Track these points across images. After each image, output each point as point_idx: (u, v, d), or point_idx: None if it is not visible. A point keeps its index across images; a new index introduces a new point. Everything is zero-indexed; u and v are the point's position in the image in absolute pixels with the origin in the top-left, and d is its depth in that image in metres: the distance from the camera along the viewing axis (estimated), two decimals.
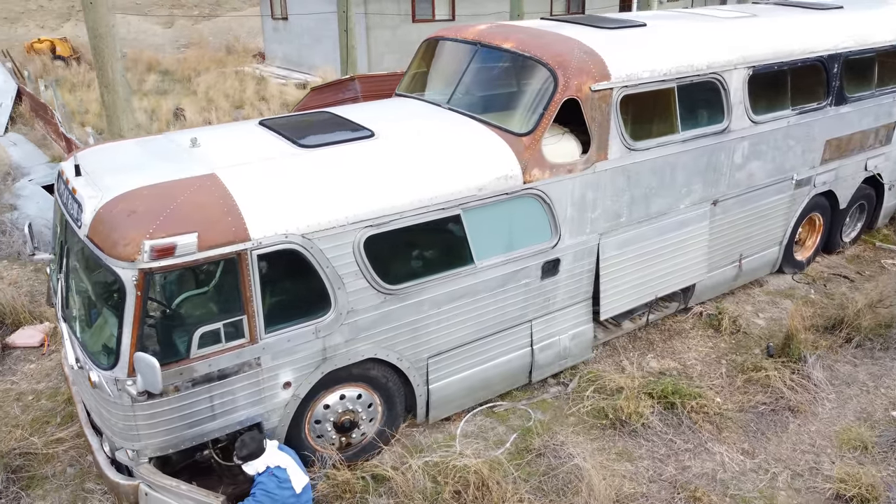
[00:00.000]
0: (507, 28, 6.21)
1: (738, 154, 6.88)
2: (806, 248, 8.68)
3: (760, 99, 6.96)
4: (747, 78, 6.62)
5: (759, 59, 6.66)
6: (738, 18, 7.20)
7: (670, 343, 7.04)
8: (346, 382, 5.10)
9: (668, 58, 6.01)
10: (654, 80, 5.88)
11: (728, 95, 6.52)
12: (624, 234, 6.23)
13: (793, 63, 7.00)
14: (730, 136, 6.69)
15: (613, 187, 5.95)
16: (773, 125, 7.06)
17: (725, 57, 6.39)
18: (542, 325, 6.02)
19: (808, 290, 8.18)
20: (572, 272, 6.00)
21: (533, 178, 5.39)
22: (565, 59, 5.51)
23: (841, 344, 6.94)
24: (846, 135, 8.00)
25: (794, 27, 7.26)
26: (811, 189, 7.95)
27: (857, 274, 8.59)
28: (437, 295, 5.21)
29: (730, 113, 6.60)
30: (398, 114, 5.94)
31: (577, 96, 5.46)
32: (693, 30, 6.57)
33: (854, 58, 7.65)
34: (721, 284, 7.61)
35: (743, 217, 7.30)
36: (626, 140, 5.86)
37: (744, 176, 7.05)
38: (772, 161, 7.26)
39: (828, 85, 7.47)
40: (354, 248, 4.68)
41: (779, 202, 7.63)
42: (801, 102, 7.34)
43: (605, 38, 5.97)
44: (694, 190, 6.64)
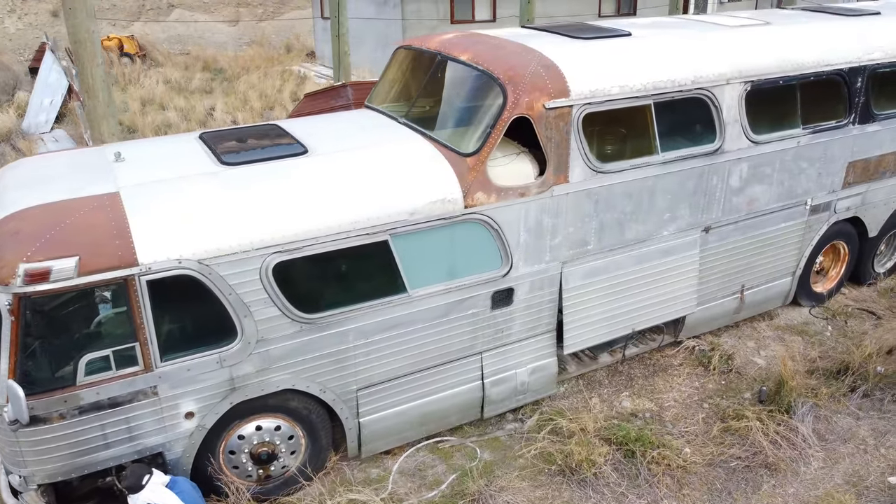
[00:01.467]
0: (470, 38, 5.80)
1: (735, 177, 6.23)
2: (829, 279, 7.87)
3: (762, 117, 6.29)
4: (744, 94, 5.97)
5: (758, 72, 6.00)
6: (746, 27, 6.53)
7: (652, 380, 6.47)
8: (262, 413, 4.84)
9: (643, 72, 5.47)
10: (624, 96, 5.35)
11: (720, 113, 5.90)
12: (592, 262, 5.73)
13: (803, 77, 6.29)
14: (723, 157, 6.06)
15: (577, 212, 5.46)
16: (779, 145, 6.37)
17: (716, 70, 5.77)
18: (495, 357, 5.60)
19: (824, 326, 7.40)
20: (530, 302, 5.55)
21: (476, 202, 4.98)
22: (517, 74, 5.07)
23: (845, 393, 6.20)
24: (875, 156, 7.18)
25: (809, 37, 6.53)
26: (831, 215, 7.18)
27: (888, 310, 7.72)
28: (365, 325, 4.88)
29: (722, 132, 5.97)
30: (347, 128, 5.63)
31: (528, 114, 5.01)
32: (683, 40, 5.97)
33: (884, 71, 6.84)
34: (719, 317, 6.96)
35: (743, 245, 6.64)
36: (590, 162, 5.36)
37: (743, 201, 6.40)
38: (779, 185, 6.57)
39: (849, 101, 6.70)
40: (262, 275, 4.41)
41: (789, 229, 6.91)
42: (816, 120, 6.60)
43: (573, 50, 5.48)
44: (680, 216, 6.05)
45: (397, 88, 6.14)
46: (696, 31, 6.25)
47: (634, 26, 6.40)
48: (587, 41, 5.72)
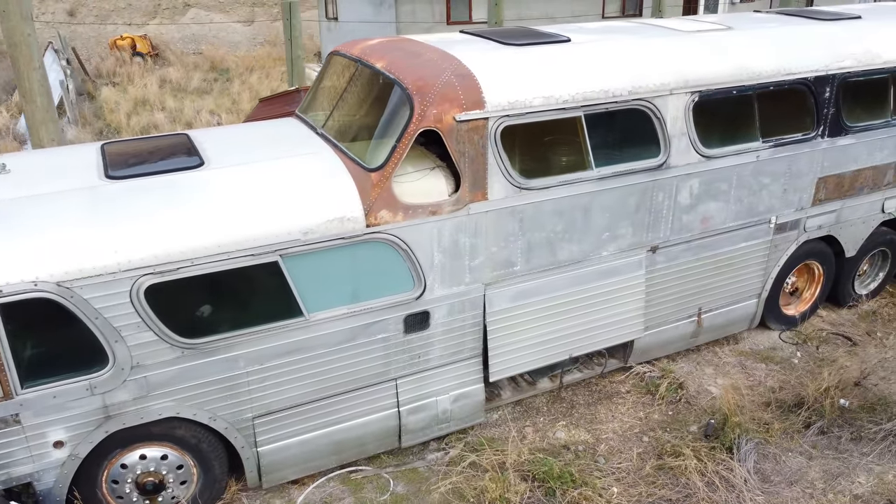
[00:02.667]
0: (392, 44, 5.46)
1: (685, 194, 5.80)
2: (802, 300, 7.37)
3: (715, 129, 5.85)
4: (691, 105, 5.54)
5: (706, 82, 5.56)
6: (702, 33, 6.09)
7: (594, 409, 6.07)
8: (146, 442, 4.57)
9: (572, 82, 5.08)
10: (548, 108, 4.97)
11: (663, 125, 5.48)
12: (521, 284, 5.36)
13: (761, 87, 5.83)
14: (669, 172, 5.64)
15: (500, 232, 5.10)
16: (735, 160, 5.92)
17: (657, 80, 5.36)
18: (412, 384, 5.26)
19: (793, 352, 6.92)
20: (449, 326, 5.20)
21: (380, 220, 4.65)
22: (427, 84, 4.72)
23: (799, 429, 5.73)
24: (849, 171, 6.68)
25: (771, 43, 6.06)
26: (800, 234, 6.69)
27: (866, 336, 7.20)
28: (257, 350, 4.59)
29: (667, 146, 5.55)
30: (258, 139, 5.33)
31: (436, 127, 4.66)
32: (625, 47, 5.56)
33: (856, 80, 6.33)
34: (674, 341, 6.53)
35: (698, 266, 6.20)
36: (512, 178, 4.99)
37: (695, 219, 5.97)
38: (737, 202, 6.12)
39: (817, 112, 6.21)
40: (133, 298, 4.13)
41: (751, 249, 6.45)
42: (778, 133, 6.13)
43: (498, 58, 5.11)
44: (621, 235, 5.65)
45: (323, 97, 5.83)
46: (643, 37, 5.83)
47: (579, 31, 6.01)
48: (519, 48, 5.35)
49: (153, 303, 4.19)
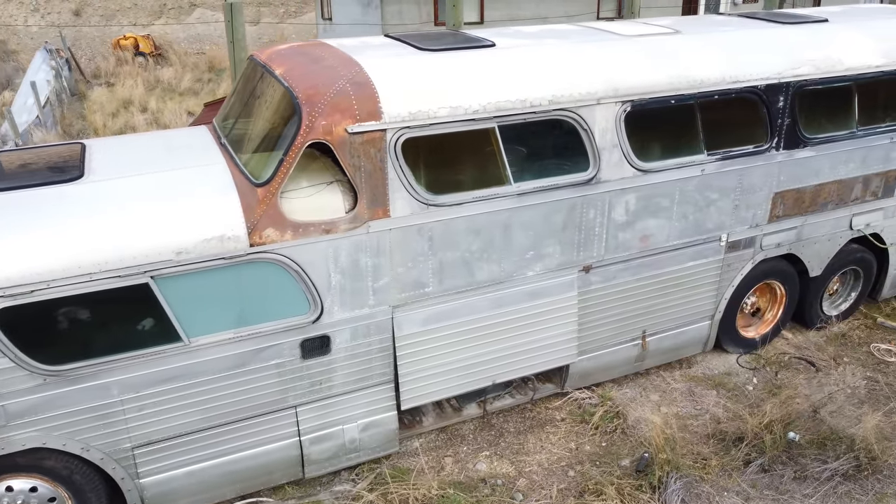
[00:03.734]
0: (300, 49, 5.13)
1: (619, 210, 5.41)
2: (764, 322, 6.92)
3: (652, 141, 5.46)
4: (622, 115, 5.15)
5: (640, 90, 5.16)
6: (643, 37, 5.68)
7: (524, 437, 5.70)
8: (11, 473, 4.29)
9: (485, 90, 4.71)
10: (456, 119, 4.61)
11: (591, 137, 5.09)
12: (434, 307, 5.01)
13: (705, 95, 5.42)
14: (600, 188, 5.25)
15: (406, 251, 4.75)
16: (677, 174, 5.52)
17: (582, 89, 4.97)
18: (314, 412, 4.93)
19: (749, 378, 6.48)
20: (354, 351, 4.86)
21: (266, 239, 4.33)
22: (318, 93, 4.38)
23: (739, 466, 5.31)
24: (810, 185, 6.23)
25: (718, 49, 5.64)
26: (756, 252, 6.26)
27: (831, 361, 6.73)
28: (133, 377, 4.29)
29: (597, 159, 5.17)
30: (153, 150, 5.03)
31: (325, 139, 4.33)
32: (552, 54, 5.17)
33: (815, 88, 5.89)
34: (617, 366, 6.13)
35: (639, 287, 5.80)
36: (418, 194, 4.64)
37: (633, 237, 5.57)
38: (681, 219, 5.71)
39: (770, 123, 5.78)
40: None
41: (700, 269, 6.03)
42: (726, 145, 5.71)
43: (406, 65, 4.76)
44: (547, 254, 5.27)
45: (234, 104, 5.53)
46: (577, 42, 5.44)
47: (511, 35, 5.63)
48: (434, 53, 4.99)
49: (7, 327, 3.91)
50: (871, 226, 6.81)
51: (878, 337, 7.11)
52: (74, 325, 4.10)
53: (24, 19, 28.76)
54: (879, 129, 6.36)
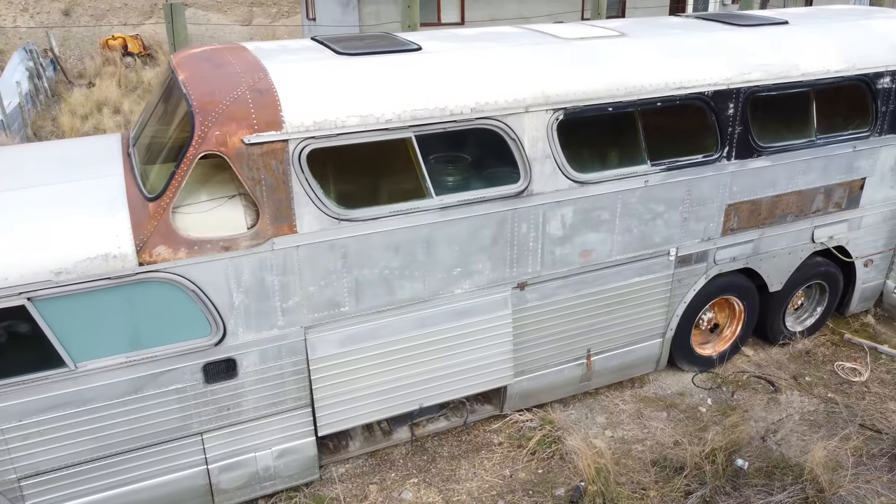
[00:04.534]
0: (210, 52, 4.84)
1: (555, 224, 5.10)
2: (722, 339, 6.60)
3: (590, 151, 5.16)
4: (554, 124, 4.84)
5: (573, 98, 4.85)
6: (583, 40, 5.38)
7: (457, 463, 5.39)
8: None
9: (401, 98, 4.41)
10: (367, 128, 4.31)
11: (521, 147, 4.79)
12: (351, 327, 4.72)
13: (645, 103, 5.10)
14: (532, 200, 4.95)
15: (318, 269, 4.46)
16: (618, 186, 5.21)
17: (509, 96, 4.66)
18: (222, 439, 4.64)
19: (703, 398, 6.16)
20: (263, 375, 4.57)
21: (157, 258, 4.04)
22: (213, 101, 4.09)
23: (679, 497, 5.00)
24: (766, 196, 5.91)
25: (662, 53, 5.32)
26: (709, 267, 5.94)
27: (792, 380, 6.41)
28: (14, 405, 4.00)
29: (528, 170, 4.86)
30: (52, 160, 4.75)
31: (219, 151, 4.03)
32: (480, 58, 4.87)
33: (768, 94, 5.56)
34: (560, 386, 5.82)
35: (580, 304, 5.50)
36: (328, 208, 4.35)
37: (572, 252, 5.26)
38: (625, 233, 5.40)
39: (720, 132, 5.46)
40: None
41: (648, 284, 5.72)
42: (672, 155, 5.40)
43: (316, 71, 4.46)
44: (477, 271, 4.97)
45: (147, 110, 5.24)
46: (510, 45, 5.14)
47: (440, 38, 5.34)
48: (352, 58, 4.70)
49: None
50: (835, 238, 6.48)
51: (844, 355, 6.78)
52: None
53: (13, 19, 28.58)
54: (841, 137, 6.03)
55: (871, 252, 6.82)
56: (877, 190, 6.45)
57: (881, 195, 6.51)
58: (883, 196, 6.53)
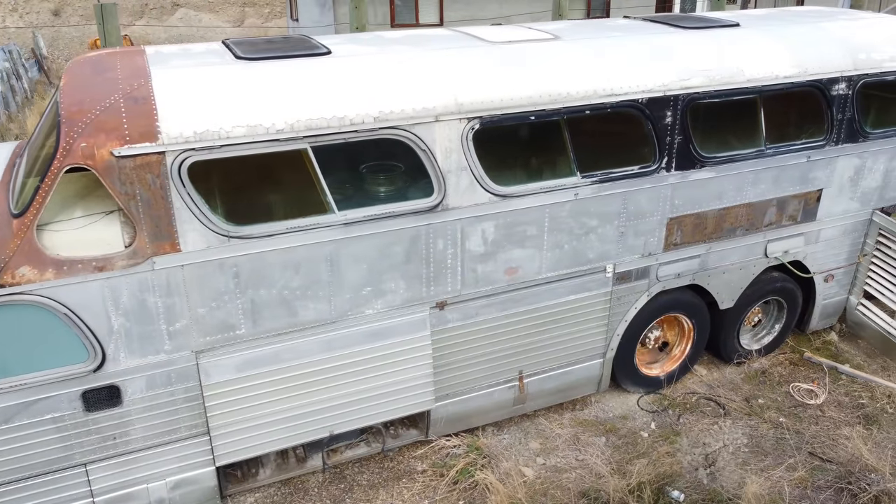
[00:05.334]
0: (99, 58, 4.53)
1: (476, 240, 4.78)
2: (671, 358, 6.27)
3: (513, 163, 4.85)
4: (470, 133, 4.52)
5: (490, 106, 4.53)
6: (508, 44, 5.06)
7: (374, 492, 5.08)
8: None
9: (295, 106, 4.10)
10: (257, 139, 4.01)
11: (433, 159, 4.47)
12: (249, 351, 4.41)
13: (573, 111, 4.78)
14: (448, 215, 4.63)
15: (207, 289, 4.15)
16: (544, 199, 4.88)
17: (417, 104, 4.34)
18: (109, 470, 4.35)
19: (647, 422, 5.83)
20: (152, 402, 4.28)
21: (21, 279, 3.74)
22: (81, 111, 3.79)
23: None
24: (712, 210, 5.57)
25: (594, 58, 5.00)
26: (651, 284, 5.61)
27: (744, 402, 6.07)
28: None
29: (442, 183, 4.54)
30: None
31: (87, 164, 3.73)
32: (389, 63, 4.56)
33: (711, 101, 5.23)
34: (492, 410, 5.51)
35: (509, 324, 5.18)
36: (215, 225, 4.04)
37: (497, 269, 4.94)
38: (555, 248, 5.07)
39: (657, 141, 5.13)
40: None
41: (583, 303, 5.39)
42: (604, 166, 5.08)
43: (202, 77, 4.16)
44: (389, 290, 4.66)
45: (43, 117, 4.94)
46: (427, 49, 4.82)
47: (356, 41, 5.03)
48: (247, 63, 4.39)
49: None
50: (791, 253, 6.13)
51: (802, 375, 6.44)
52: None
53: (2, 19, 28.43)
54: (793, 146, 5.69)
55: (832, 267, 6.47)
56: (835, 202, 6.10)
57: (840, 207, 6.16)
58: (842, 208, 6.18)
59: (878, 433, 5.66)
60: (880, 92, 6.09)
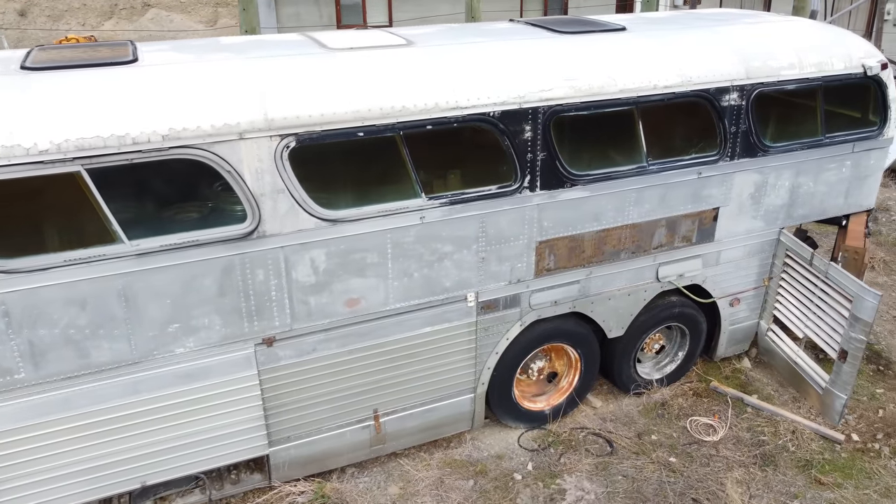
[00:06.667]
0: None
1: (304, 269, 4.30)
2: (559, 390, 5.79)
3: (344, 184, 4.37)
4: (284, 152, 4.03)
5: (307, 121, 4.03)
6: (348, 51, 4.57)
7: None
8: None
9: (62, 125, 3.61)
10: (12, 161, 3.51)
11: (241, 181, 3.98)
12: (32, 398, 3.93)
13: (411, 126, 4.29)
14: (267, 242, 4.14)
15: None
16: (384, 223, 4.40)
17: (217, 120, 3.85)
18: None
19: (524, 462, 5.35)
20: None
21: None
22: None
23: None
24: (589, 231, 5.09)
25: (442, 66, 4.52)
26: (524, 313, 5.13)
27: (635, 438, 5.59)
28: None
29: (255, 208, 4.05)
30: None
31: None
32: (187, 74, 4.07)
33: (578, 114, 4.74)
34: (344, 452, 5.03)
35: (355, 359, 4.70)
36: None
37: (334, 301, 4.46)
38: (403, 277, 4.59)
39: (517, 159, 4.64)
40: None
41: (443, 335, 4.91)
42: (455, 187, 4.60)
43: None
44: (202, 326, 4.17)
45: None
46: (243, 58, 4.33)
47: (181, 49, 4.54)
48: (33, 73, 3.91)
49: None
50: (688, 276, 5.65)
51: (705, 407, 5.95)
52: None
53: None
54: (682, 162, 5.20)
55: (738, 290, 5.99)
56: (735, 221, 5.62)
57: (742, 227, 5.68)
58: (745, 228, 5.70)
59: (773, 475, 5.18)
60: (781, 103, 5.60)
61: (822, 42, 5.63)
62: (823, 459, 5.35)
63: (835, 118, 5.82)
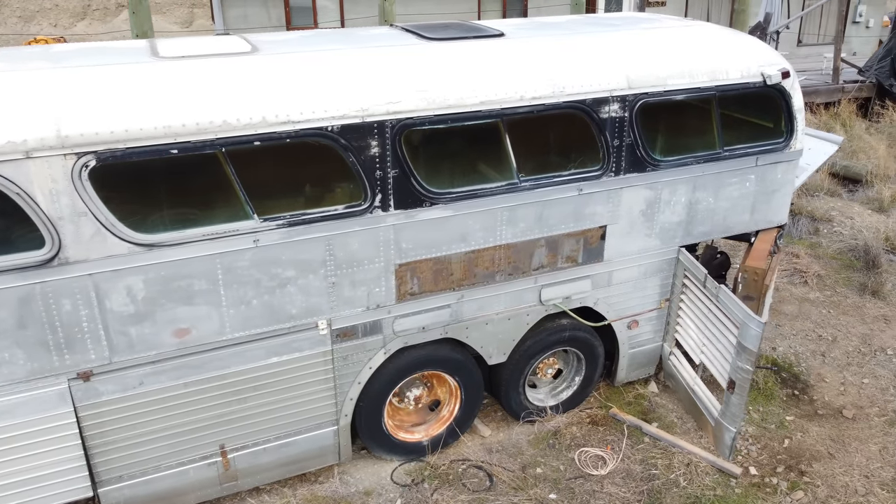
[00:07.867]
0: None
1: (119, 298, 3.95)
2: (440, 420, 5.43)
3: (160, 205, 4.01)
4: (83, 172, 3.67)
5: (107, 139, 3.67)
6: (182, 59, 4.22)
7: None
8: None
9: None
10: None
11: (34, 203, 3.63)
12: None
13: (235, 142, 3.93)
14: (72, 270, 3.79)
15: None
16: (211, 248, 4.05)
17: (16, 135, 3.50)
18: None
19: (394, 497, 5.00)
20: None
21: None
22: None
23: None
24: (457, 253, 4.73)
25: (280, 76, 4.16)
26: (388, 340, 4.78)
27: (520, 471, 5.24)
28: None
29: (53, 232, 3.70)
30: None
31: None
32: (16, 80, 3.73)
33: (434, 128, 4.39)
34: (190, 490, 4.67)
35: (191, 392, 4.34)
36: None
37: (159, 331, 4.11)
38: (240, 304, 4.24)
39: (364, 177, 4.29)
40: None
41: (293, 365, 4.56)
42: (293, 207, 4.24)
43: None
44: (3, 360, 3.82)
45: None
46: (53, 67, 3.98)
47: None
48: None
49: None
50: (575, 298, 5.30)
51: (599, 436, 5.60)
52: None
53: None
54: (559, 178, 4.85)
55: (636, 312, 5.64)
56: (626, 240, 5.27)
57: (635, 246, 5.33)
58: (638, 246, 5.34)
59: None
60: (673, 114, 5.25)
61: (718, 49, 5.28)
62: (714, 496, 5.00)
63: (741, 130, 5.48)
